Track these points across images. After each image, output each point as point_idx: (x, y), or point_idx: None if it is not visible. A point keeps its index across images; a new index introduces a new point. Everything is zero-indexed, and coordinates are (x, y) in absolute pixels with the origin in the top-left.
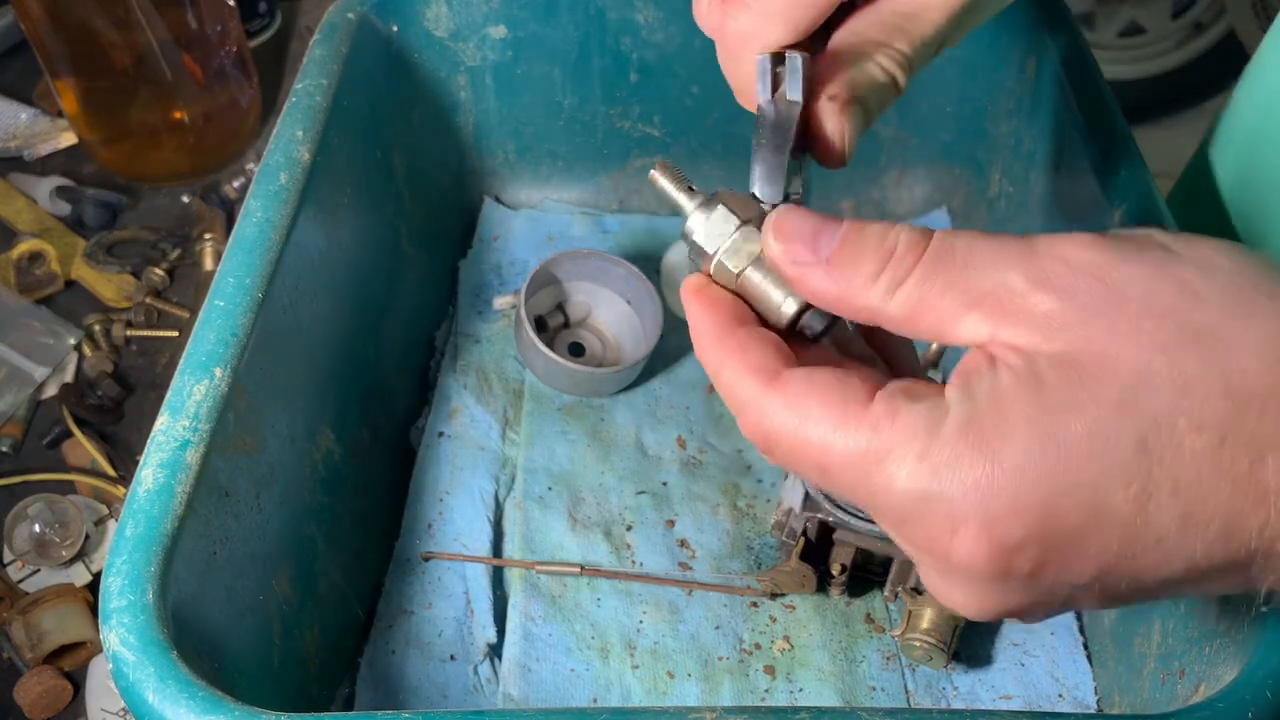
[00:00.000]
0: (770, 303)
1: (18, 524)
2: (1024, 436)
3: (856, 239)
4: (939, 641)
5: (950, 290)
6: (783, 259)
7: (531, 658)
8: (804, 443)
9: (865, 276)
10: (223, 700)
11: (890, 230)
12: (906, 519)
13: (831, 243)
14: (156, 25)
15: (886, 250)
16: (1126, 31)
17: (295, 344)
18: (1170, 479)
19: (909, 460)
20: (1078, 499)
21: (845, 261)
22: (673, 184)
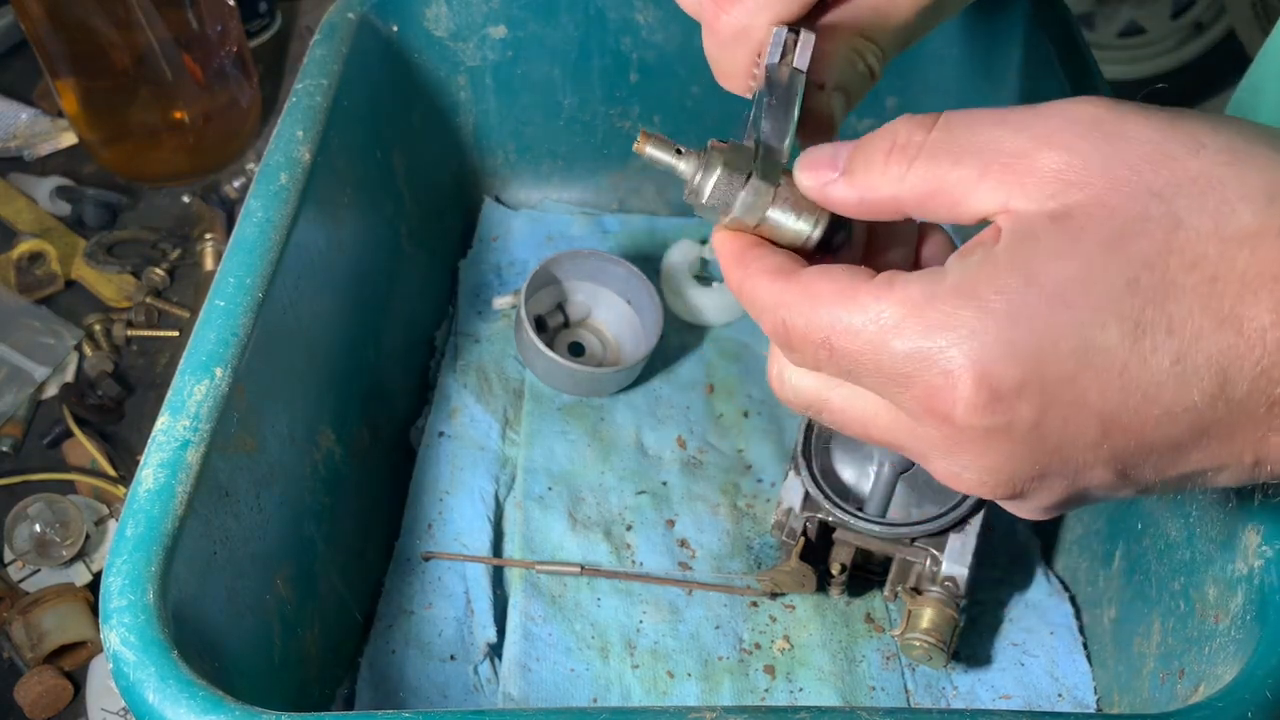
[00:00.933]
0: (796, 234)
1: (18, 524)
2: (1014, 284)
3: (866, 143)
4: (939, 641)
5: (960, 163)
6: (811, 185)
7: (531, 657)
8: (815, 323)
9: (877, 169)
10: (223, 700)
11: (896, 123)
12: (908, 381)
13: (847, 155)
14: (156, 25)
15: (891, 140)
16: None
17: (295, 344)
18: (1164, 317)
19: (908, 322)
20: (1071, 338)
21: (858, 164)
22: (663, 151)
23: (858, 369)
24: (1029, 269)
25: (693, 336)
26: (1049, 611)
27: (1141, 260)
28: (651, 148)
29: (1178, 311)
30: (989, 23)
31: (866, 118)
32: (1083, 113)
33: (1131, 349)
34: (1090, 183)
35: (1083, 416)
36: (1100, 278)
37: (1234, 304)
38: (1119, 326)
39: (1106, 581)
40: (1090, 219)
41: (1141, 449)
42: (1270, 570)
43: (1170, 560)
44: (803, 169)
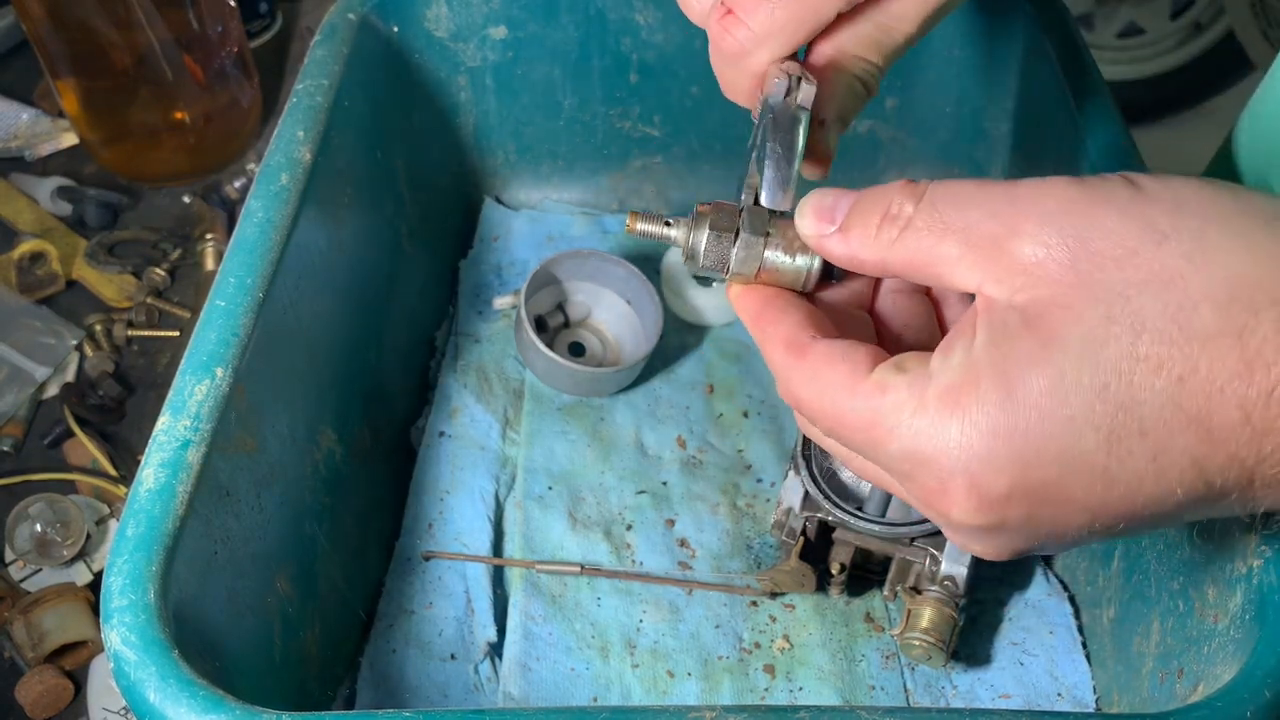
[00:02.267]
0: (797, 272)
1: (19, 523)
2: (995, 398)
3: (863, 204)
4: (938, 641)
5: (942, 240)
6: (810, 234)
7: (532, 657)
8: (820, 409)
9: (870, 234)
10: (224, 699)
11: (890, 188)
12: (907, 478)
13: (844, 211)
14: (157, 25)
15: (885, 207)
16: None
17: (296, 344)
18: (1136, 421)
19: (900, 427)
20: (1052, 447)
21: (853, 225)
22: (652, 225)
23: (864, 452)
24: (1008, 380)
25: (693, 336)
26: (1048, 611)
27: (1110, 367)
28: (642, 224)
29: (1149, 414)
30: (989, 24)
31: (866, 118)
32: (1053, 203)
33: (1109, 453)
34: (1058, 280)
35: (1070, 511)
36: (1073, 388)
37: (1203, 403)
38: (1094, 434)
39: (1106, 581)
40: (1059, 324)
41: (1132, 523)
42: (1269, 570)
43: (1170, 560)
44: (803, 216)
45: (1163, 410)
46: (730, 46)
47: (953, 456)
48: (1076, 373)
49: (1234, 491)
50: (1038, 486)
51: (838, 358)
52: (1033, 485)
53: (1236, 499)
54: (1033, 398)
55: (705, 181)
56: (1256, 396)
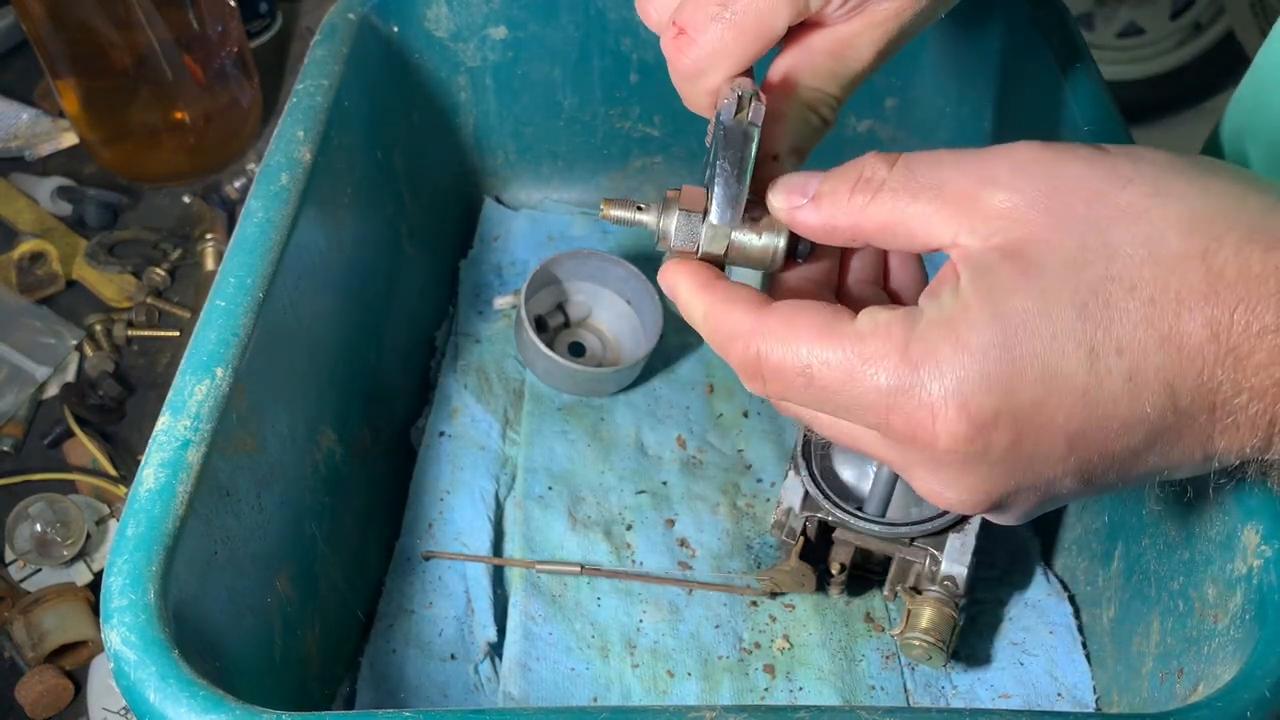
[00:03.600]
0: (764, 249)
1: (19, 523)
2: (984, 319)
3: (835, 175)
4: (938, 640)
5: (916, 199)
6: (782, 208)
7: (532, 657)
8: (793, 355)
9: (843, 199)
10: (224, 699)
11: (863, 159)
12: (891, 412)
13: (817, 184)
14: (157, 25)
15: (858, 174)
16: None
17: (296, 344)
18: (1113, 339)
19: (891, 358)
20: (1037, 366)
21: (826, 193)
22: (624, 210)
23: (834, 400)
24: (994, 305)
25: (693, 336)
26: (1048, 611)
27: (1088, 287)
28: (615, 210)
29: (1124, 333)
30: (988, 24)
31: (865, 118)
32: (1023, 156)
33: (1089, 371)
34: (1032, 220)
35: (1051, 437)
36: (1055, 309)
37: (1173, 322)
38: (1076, 352)
39: (1106, 581)
40: (1037, 254)
41: (1104, 458)
42: (1269, 570)
43: (1170, 560)
44: (775, 193)
45: (1137, 329)
46: (684, 66)
47: (944, 378)
48: (1058, 292)
49: (1201, 415)
50: (1024, 408)
51: (815, 307)
52: (1019, 406)
53: (1202, 428)
54: (1019, 317)
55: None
56: (1221, 315)
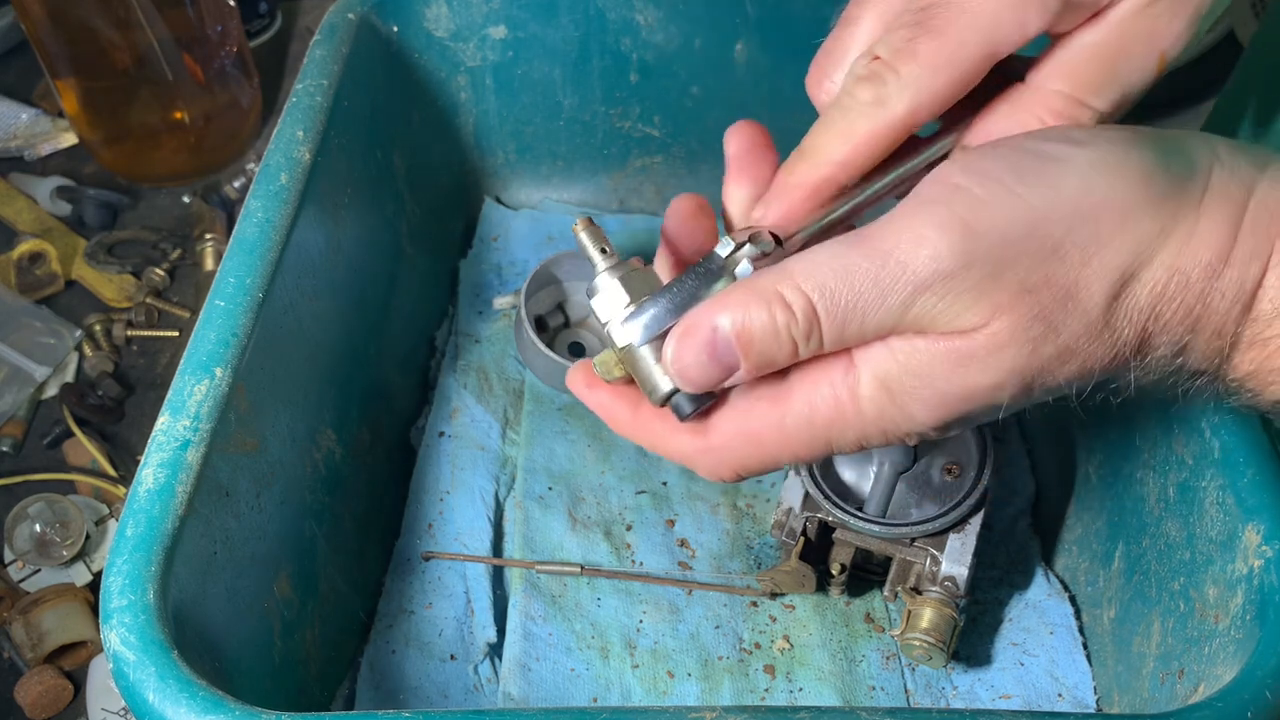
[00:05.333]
0: (650, 381)
1: (18, 524)
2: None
3: (760, 346)
4: (938, 641)
5: (863, 332)
6: (702, 380)
7: (531, 657)
8: (762, 441)
9: (782, 359)
10: (223, 700)
11: (774, 317)
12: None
13: (732, 353)
14: (157, 25)
15: (788, 340)
16: None
17: (296, 344)
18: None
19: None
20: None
21: (759, 365)
22: (590, 241)
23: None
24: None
25: None
26: (1049, 611)
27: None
28: (584, 234)
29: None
30: None
31: None
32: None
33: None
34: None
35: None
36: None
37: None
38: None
39: (1106, 581)
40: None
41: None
42: (1270, 570)
43: (1170, 560)
44: (672, 339)
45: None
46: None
47: (948, 202)
48: None
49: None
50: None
51: (751, 405)
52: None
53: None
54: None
55: (705, 181)
56: None
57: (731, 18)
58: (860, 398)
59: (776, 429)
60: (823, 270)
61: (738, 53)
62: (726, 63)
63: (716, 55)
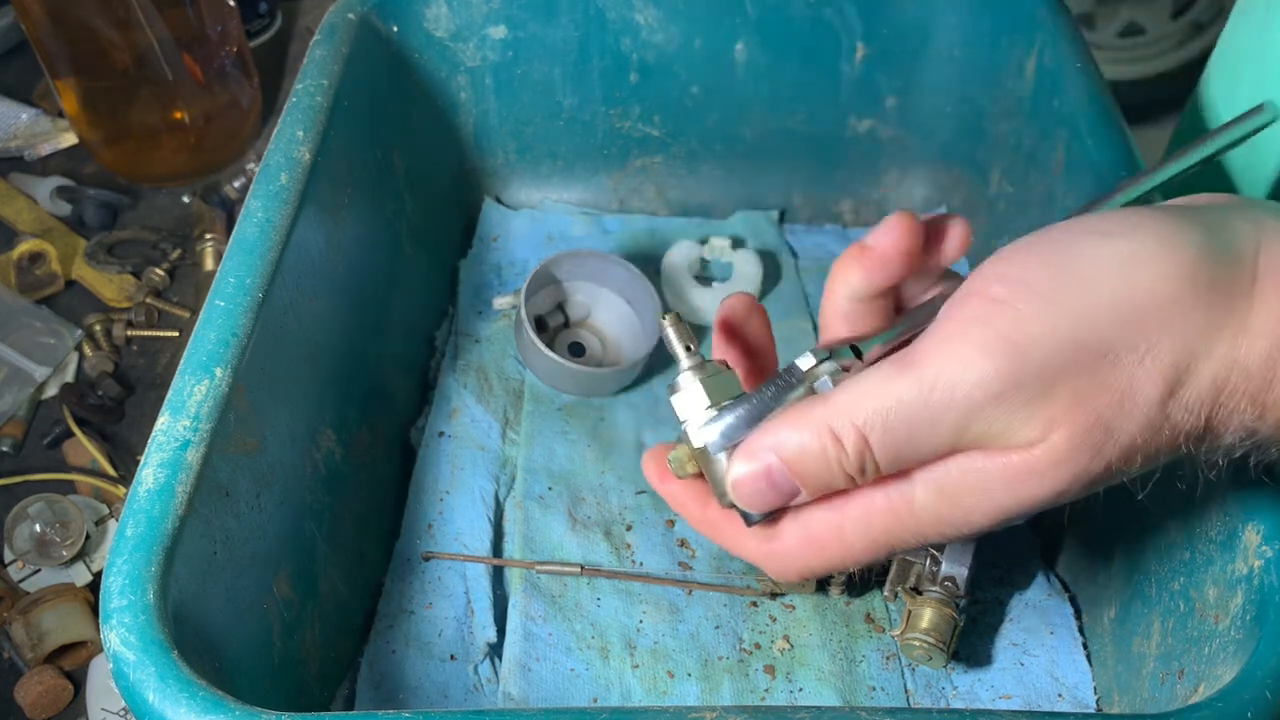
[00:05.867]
0: (720, 486)
1: (18, 524)
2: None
3: (806, 478)
4: (938, 641)
5: (919, 457)
6: (735, 492)
7: (531, 657)
8: (823, 546)
9: (843, 482)
10: (223, 700)
11: (826, 451)
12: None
13: (790, 482)
14: (157, 25)
15: (842, 473)
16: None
17: (296, 344)
18: None
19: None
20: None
21: (823, 490)
22: (676, 338)
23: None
24: None
25: None
26: (1049, 611)
27: None
28: (670, 330)
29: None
30: (989, 24)
31: (865, 118)
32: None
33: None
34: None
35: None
36: None
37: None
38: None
39: (1106, 581)
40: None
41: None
42: (1270, 570)
43: (1170, 560)
44: (737, 461)
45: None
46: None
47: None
48: None
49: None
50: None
51: (813, 517)
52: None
53: None
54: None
55: (705, 181)
56: None
57: (731, 18)
58: (917, 507)
59: (835, 535)
60: (871, 401)
61: (738, 53)
62: (726, 63)
63: (716, 55)
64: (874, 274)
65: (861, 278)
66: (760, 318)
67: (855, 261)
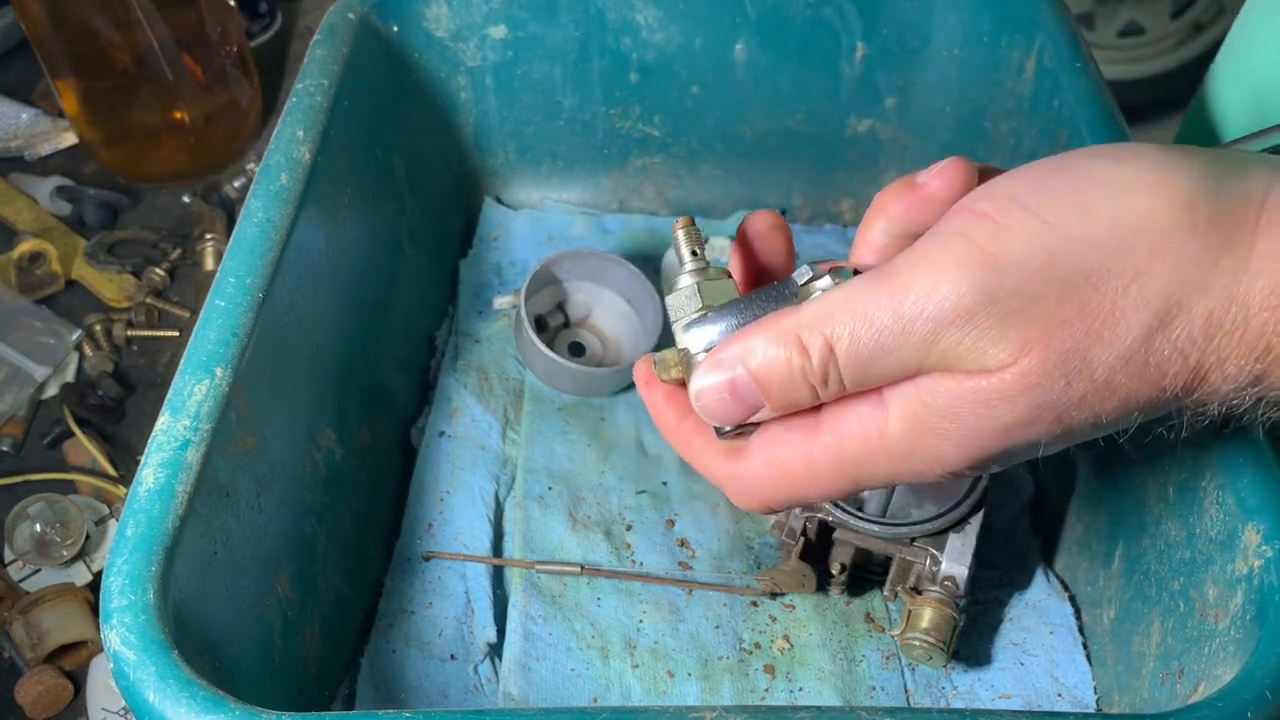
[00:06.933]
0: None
1: (19, 523)
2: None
3: (770, 388)
4: (938, 641)
5: (886, 373)
6: (698, 401)
7: (531, 657)
8: (790, 474)
9: (805, 399)
10: (223, 699)
11: (790, 360)
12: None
13: (754, 393)
14: (157, 25)
15: (805, 384)
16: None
17: (296, 343)
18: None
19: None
20: None
21: (788, 405)
22: (685, 240)
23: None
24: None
25: None
26: (1049, 611)
27: None
28: (680, 232)
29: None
30: (989, 23)
31: (866, 118)
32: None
33: None
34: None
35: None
36: None
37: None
38: None
39: (1106, 581)
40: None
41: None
42: (1270, 570)
43: (1170, 560)
44: (698, 376)
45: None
46: None
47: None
48: None
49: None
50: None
51: (784, 437)
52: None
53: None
54: None
55: (705, 181)
56: None
57: (731, 18)
58: (888, 435)
59: (804, 462)
60: (841, 311)
61: (738, 53)
62: (726, 63)
63: (716, 55)
64: (914, 213)
65: (901, 214)
66: (781, 236)
67: (899, 196)
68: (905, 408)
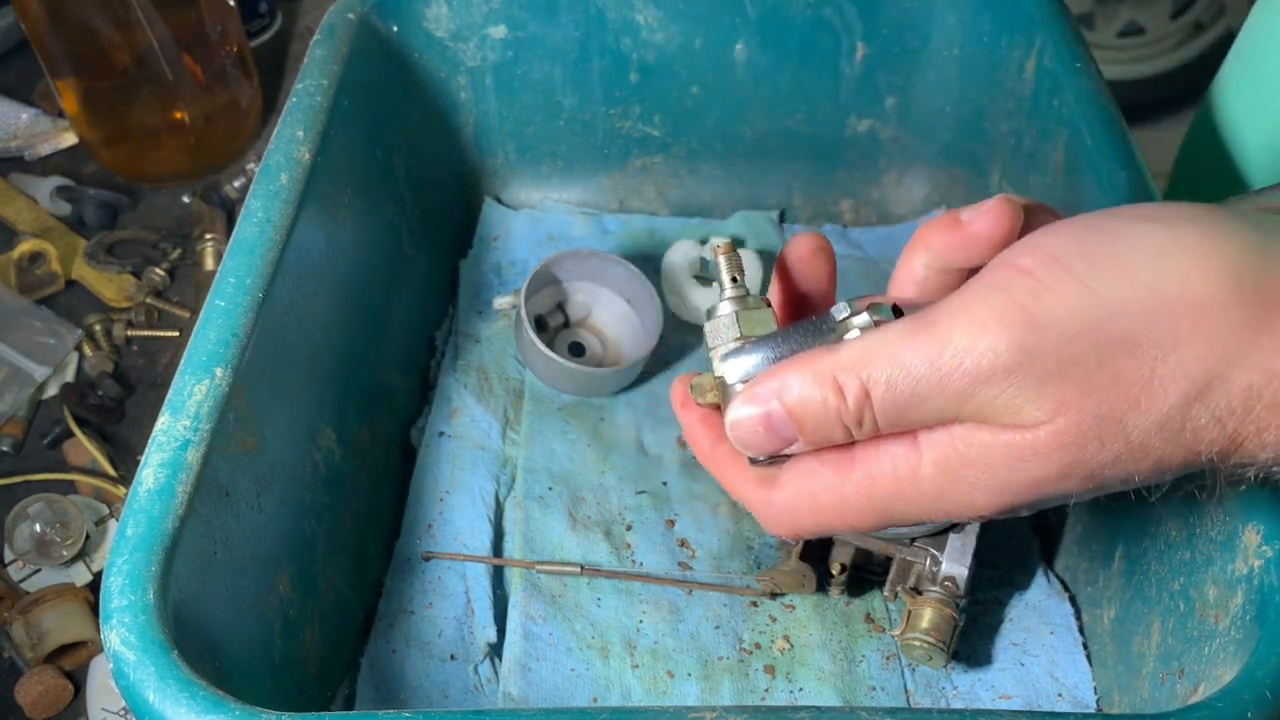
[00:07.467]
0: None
1: (18, 524)
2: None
3: (804, 425)
4: (939, 641)
5: (922, 419)
6: (733, 434)
7: (531, 657)
8: (821, 506)
9: (838, 436)
10: (223, 700)
11: (826, 401)
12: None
13: (789, 428)
14: (157, 25)
15: (839, 425)
16: (1126, 31)
17: (296, 344)
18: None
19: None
20: None
21: (820, 441)
22: (726, 266)
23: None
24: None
25: (693, 336)
26: (1049, 611)
27: None
28: (721, 259)
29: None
30: (989, 23)
31: (866, 118)
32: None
33: None
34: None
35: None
36: None
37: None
38: None
39: (1106, 581)
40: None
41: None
42: (1270, 570)
43: (1170, 560)
44: (735, 406)
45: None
46: None
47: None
48: None
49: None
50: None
51: (815, 470)
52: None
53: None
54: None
55: (705, 181)
56: None
57: (731, 18)
58: (920, 478)
59: (836, 496)
60: (879, 356)
61: (738, 53)
62: (726, 63)
63: (716, 55)
64: (957, 250)
65: (943, 250)
66: (823, 260)
67: (943, 232)
68: (938, 452)
